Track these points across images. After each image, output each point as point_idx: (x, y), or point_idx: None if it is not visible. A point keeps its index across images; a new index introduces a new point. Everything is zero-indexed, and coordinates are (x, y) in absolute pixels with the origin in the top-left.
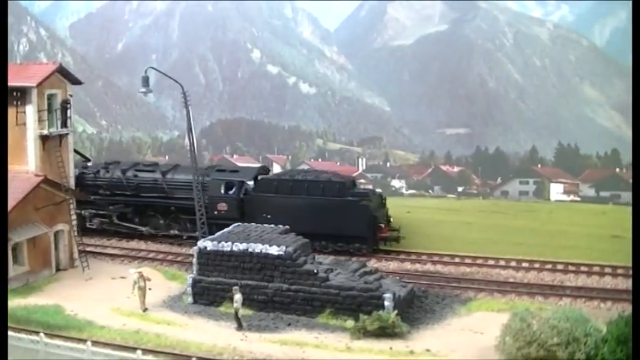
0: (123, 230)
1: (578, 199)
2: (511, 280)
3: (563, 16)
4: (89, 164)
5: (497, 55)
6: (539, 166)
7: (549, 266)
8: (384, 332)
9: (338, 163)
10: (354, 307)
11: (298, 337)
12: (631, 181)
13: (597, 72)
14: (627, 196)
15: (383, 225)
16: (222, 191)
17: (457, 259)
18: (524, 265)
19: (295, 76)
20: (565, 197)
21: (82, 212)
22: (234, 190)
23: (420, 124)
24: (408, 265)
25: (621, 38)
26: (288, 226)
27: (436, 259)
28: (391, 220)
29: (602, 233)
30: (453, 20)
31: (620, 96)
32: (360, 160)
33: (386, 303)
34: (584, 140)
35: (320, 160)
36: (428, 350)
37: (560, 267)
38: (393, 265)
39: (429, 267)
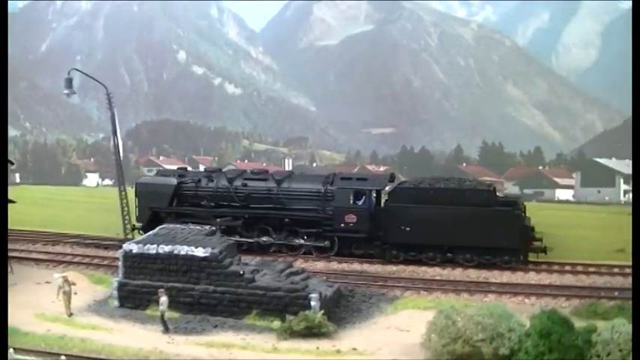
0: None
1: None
2: (437, 277)
3: (487, 17)
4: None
5: (422, 55)
6: (464, 164)
7: (474, 263)
8: (311, 332)
9: (264, 164)
10: (281, 307)
11: (225, 338)
12: (555, 179)
13: (520, 71)
14: (550, 193)
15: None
16: (351, 201)
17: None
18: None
19: (221, 76)
20: None
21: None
22: (363, 200)
23: (345, 124)
24: (335, 265)
25: (543, 38)
26: (427, 238)
27: (364, 258)
28: (534, 229)
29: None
30: (379, 20)
31: (542, 95)
32: (286, 160)
33: (312, 303)
34: (508, 139)
35: (246, 161)
36: (354, 349)
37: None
38: (319, 265)
39: (356, 266)
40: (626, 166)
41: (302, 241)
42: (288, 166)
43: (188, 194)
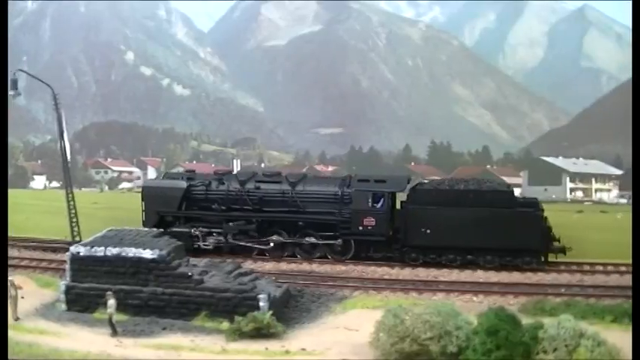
0: (239, 249)
1: None
2: (386, 277)
3: (434, 17)
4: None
5: (371, 55)
6: (412, 164)
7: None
8: (260, 333)
9: (213, 165)
10: (230, 308)
11: (174, 340)
12: (503, 177)
13: (467, 71)
14: None
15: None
16: (370, 204)
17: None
18: (399, 262)
19: (169, 77)
20: None
21: (193, 231)
22: (382, 202)
23: (294, 125)
24: (284, 266)
25: (490, 38)
26: (448, 240)
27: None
28: (552, 229)
29: None
30: (327, 21)
31: (489, 94)
32: (235, 161)
33: (261, 304)
34: (456, 138)
35: (195, 162)
36: (303, 349)
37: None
38: (268, 266)
39: (305, 266)
40: (572, 165)
41: (313, 240)
42: (237, 166)
43: (198, 197)
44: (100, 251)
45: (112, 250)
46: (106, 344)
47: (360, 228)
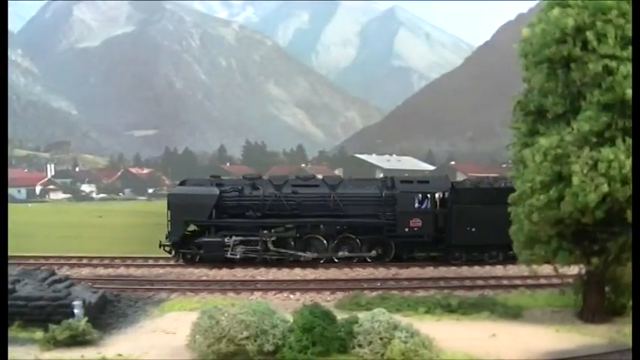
0: (275, 258)
1: None
2: (204, 278)
3: (248, 17)
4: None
5: (184, 57)
6: (227, 164)
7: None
8: (75, 340)
9: (26, 170)
10: (44, 317)
11: None
12: (320, 175)
13: (281, 71)
14: None
15: None
16: (416, 205)
17: (151, 261)
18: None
19: None
20: None
21: (225, 240)
22: (427, 203)
23: (107, 127)
24: (101, 270)
25: (303, 38)
26: (492, 237)
27: (129, 262)
28: None
29: None
30: (140, 22)
31: (303, 94)
32: (48, 165)
33: (75, 311)
34: (271, 137)
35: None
36: (120, 355)
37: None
38: (84, 271)
39: (122, 270)
40: (385, 161)
41: (346, 254)
42: (51, 171)
43: (230, 205)
44: None
45: None
46: None
47: (407, 229)
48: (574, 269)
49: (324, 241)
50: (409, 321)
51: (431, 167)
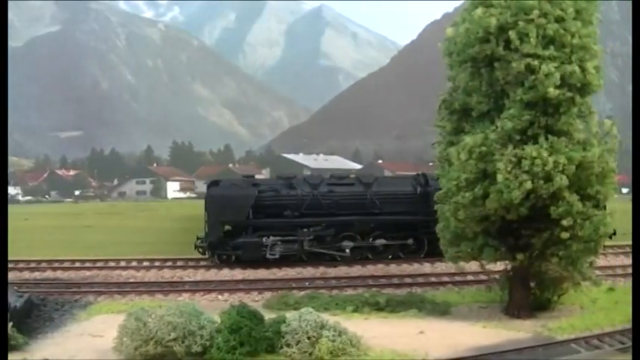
0: (311, 257)
1: (195, 195)
2: (132, 280)
3: (174, 17)
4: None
5: (110, 57)
6: (155, 165)
7: (169, 263)
8: None
9: None
10: None
11: None
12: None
13: (208, 71)
14: None
15: None
16: None
17: (77, 264)
18: (145, 264)
19: None
20: (182, 194)
21: (264, 240)
22: None
23: (32, 128)
24: (27, 274)
25: (230, 38)
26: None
27: (56, 265)
28: None
29: None
30: (65, 21)
31: (230, 94)
32: None
33: None
34: (198, 138)
35: None
36: (46, 359)
37: (180, 263)
38: (10, 275)
39: (49, 274)
40: (312, 161)
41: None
42: None
43: (267, 204)
44: None
45: None
46: None
47: None
48: (500, 265)
49: (360, 239)
50: (337, 320)
51: (358, 166)
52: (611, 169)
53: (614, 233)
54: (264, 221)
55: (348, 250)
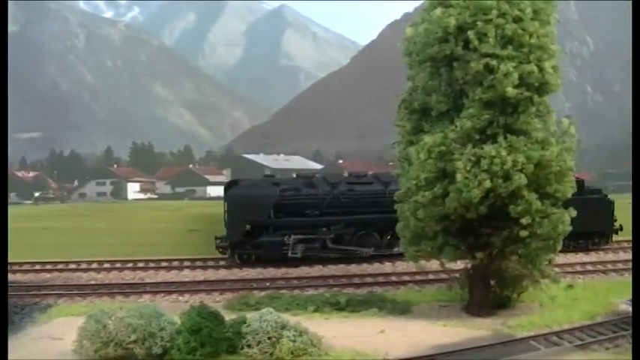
0: (332, 255)
1: (155, 196)
2: (92, 282)
3: (134, 17)
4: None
5: (69, 57)
6: (115, 166)
7: (130, 265)
8: None
9: None
10: None
11: None
12: (206, 176)
13: (168, 71)
14: (202, 190)
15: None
16: None
17: (37, 266)
18: (106, 265)
19: None
20: (142, 195)
21: (285, 239)
22: None
23: None
24: None
25: (190, 38)
26: None
27: (16, 267)
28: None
29: (180, 228)
30: (22, 21)
31: (190, 94)
32: None
33: None
34: (158, 138)
35: None
36: None
37: (141, 265)
38: None
39: (9, 277)
40: (273, 161)
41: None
42: None
43: (288, 203)
44: None
45: None
46: None
47: None
48: (461, 264)
49: (378, 237)
50: (298, 320)
51: (319, 166)
52: (569, 167)
53: (621, 229)
54: (286, 220)
55: (366, 250)
